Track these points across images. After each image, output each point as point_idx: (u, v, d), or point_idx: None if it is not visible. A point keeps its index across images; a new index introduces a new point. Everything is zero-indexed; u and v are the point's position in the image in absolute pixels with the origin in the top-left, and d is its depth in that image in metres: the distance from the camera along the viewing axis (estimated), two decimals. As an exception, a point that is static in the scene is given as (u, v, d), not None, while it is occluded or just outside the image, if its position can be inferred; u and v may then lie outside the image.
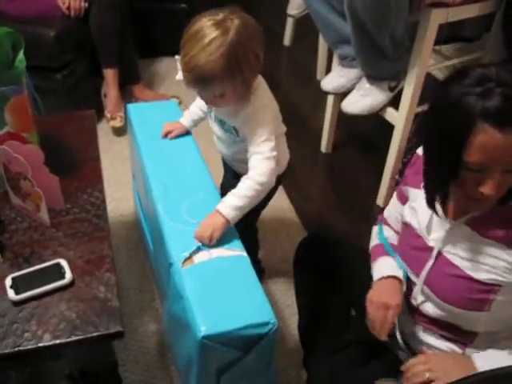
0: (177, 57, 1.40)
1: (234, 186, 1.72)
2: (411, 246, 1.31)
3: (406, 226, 1.34)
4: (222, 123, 1.56)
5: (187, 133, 1.77)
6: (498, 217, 1.15)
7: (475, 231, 1.18)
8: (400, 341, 1.38)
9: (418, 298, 1.30)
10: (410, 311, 1.35)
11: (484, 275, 1.16)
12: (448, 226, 1.21)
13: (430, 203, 1.21)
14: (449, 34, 2.13)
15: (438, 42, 2.03)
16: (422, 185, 1.26)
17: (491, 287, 1.16)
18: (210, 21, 1.33)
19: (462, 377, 1.10)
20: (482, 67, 1.05)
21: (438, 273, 1.24)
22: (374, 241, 1.49)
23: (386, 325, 1.30)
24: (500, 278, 1.15)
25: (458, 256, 1.20)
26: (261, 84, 1.50)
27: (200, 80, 1.36)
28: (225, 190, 1.73)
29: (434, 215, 1.23)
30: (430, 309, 1.28)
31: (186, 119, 1.76)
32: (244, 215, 1.47)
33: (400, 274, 1.35)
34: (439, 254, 1.24)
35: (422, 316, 1.31)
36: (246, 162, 1.61)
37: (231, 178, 1.75)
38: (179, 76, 1.42)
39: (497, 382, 1.06)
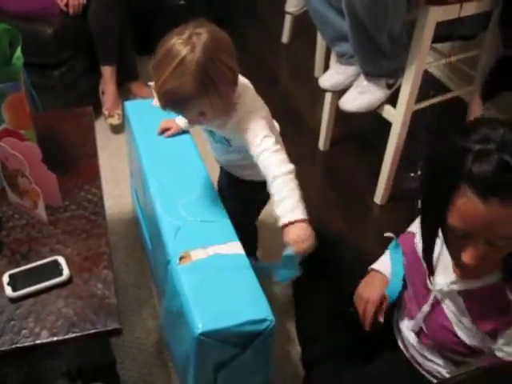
0: (150, 83, 1.37)
1: (229, 183, 1.71)
2: (416, 275, 1.28)
3: (416, 251, 1.30)
4: (212, 134, 1.53)
5: (185, 130, 1.77)
6: (490, 301, 1.09)
7: (466, 305, 1.13)
8: (401, 347, 1.38)
9: (420, 325, 1.29)
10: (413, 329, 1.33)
11: (470, 340, 1.15)
12: (449, 281, 1.16)
13: (424, 252, 1.18)
14: (446, 32, 2.13)
15: (435, 39, 2.03)
16: None
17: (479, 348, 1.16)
18: (177, 40, 1.28)
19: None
20: (490, 125, 0.96)
21: (434, 320, 1.23)
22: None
23: (366, 318, 1.35)
24: (484, 349, 1.14)
25: (452, 312, 1.17)
26: (246, 90, 1.44)
27: (175, 103, 1.32)
28: (221, 186, 1.73)
29: (441, 258, 1.19)
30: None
31: (181, 120, 1.73)
32: (245, 215, 1.45)
33: (386, 270, 1.37)
34: (437, 302, 1.21)
35: (424, 337, 1.30)
36: (241, 167, 1.60)
37: (226, 175, 1.74)
38: (155, 102, 1.40)
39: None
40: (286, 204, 1.27)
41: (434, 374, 1.30)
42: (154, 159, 1.66)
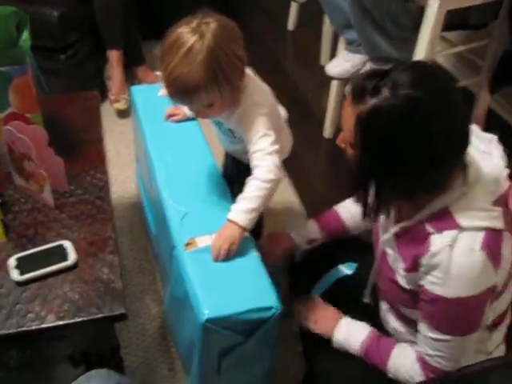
0: (157, 73, 1.35)
1: (236, 168, 1.71)
2: (377, 237, 1.33)
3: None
4: (218, 125, 1.52)
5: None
6: (414, 237, 1.15)
7: (397, 245, 1.20)
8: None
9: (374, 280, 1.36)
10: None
11: (405, 284, 1.19)
12: (390, 231, 1.22)
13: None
14: (456, 21, 2.11)
15: (444, 28, 2.01)
16: None
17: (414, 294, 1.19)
18: (185, 29, 1.27)
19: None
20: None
21: (382, 274, 1.28)
22: None
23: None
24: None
25: (391, 260, 1.23)
26: (250, 81, 1.42)
27: (184, 92, 1.29)
28: (227, 172, 1.72)
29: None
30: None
31: (187, 109, 1.70)
32: None
33: None
34: (383, 254, 1.26)
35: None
36: (247, 154, 1.60)
37: (233, 161, 1.74)
38: (162, 92, 1.37)
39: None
40: (242, 205, 1.33)
41: None
42: (160, 144, 1.66)
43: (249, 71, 1.43)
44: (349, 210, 1.54)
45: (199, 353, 1.30)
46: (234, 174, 1.68)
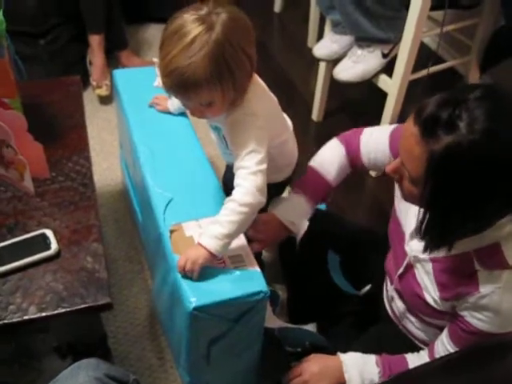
0: (155, 59, 1.22)
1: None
2: (397, 239, 1.29)
3: (396, 213, 1.31)
4: (217, 130, 1.39)
5: (176, 101, 1.72)
6: (457, 270, 1.12)
7: (433, 271, 1.17)
8: (390, 312, 1.38)
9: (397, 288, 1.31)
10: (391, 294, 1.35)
11: (436, 305, 1.17)
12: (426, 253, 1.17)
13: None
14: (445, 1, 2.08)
15: (435, 7, 1.97)
16: None
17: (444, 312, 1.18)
18: (192, 16, 1.14)
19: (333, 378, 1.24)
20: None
21: (406, 283, 1.25)
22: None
23: None
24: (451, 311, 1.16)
25: (421, 278, 1.20)
26: (253, 86, 1.27)
27: (182, 86, 1.16)
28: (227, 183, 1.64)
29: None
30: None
31: (172, 105, 1.63)
32: None
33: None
34: (410, 265, 1.23)
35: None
36: None
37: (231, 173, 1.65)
38: (157, 83, 1.26)
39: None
40: (213, 229, 1.21)
41: (426, 343, 1.30)
42: (144, 129, 1.62)
43: (256, 76, 1.31)
44: (325, 164, 1.50)
45: (188, 341, 1.28)
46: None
